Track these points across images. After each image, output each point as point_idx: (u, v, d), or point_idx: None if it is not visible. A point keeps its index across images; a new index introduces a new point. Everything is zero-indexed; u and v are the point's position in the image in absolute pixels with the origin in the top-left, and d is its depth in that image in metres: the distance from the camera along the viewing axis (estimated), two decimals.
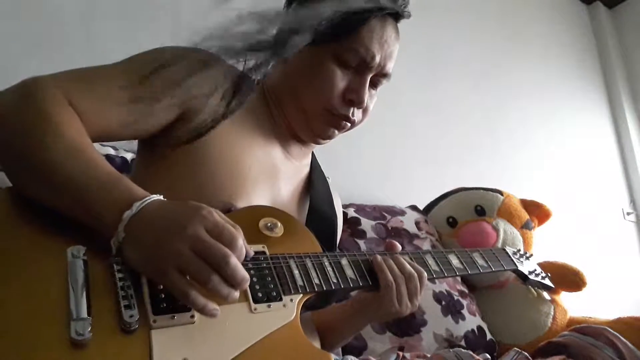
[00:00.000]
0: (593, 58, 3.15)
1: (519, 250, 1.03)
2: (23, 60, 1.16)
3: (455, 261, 0.85)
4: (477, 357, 0.75)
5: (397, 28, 0.82)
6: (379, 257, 0.75)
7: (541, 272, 1.02)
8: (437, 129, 2.08)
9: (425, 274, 0.77)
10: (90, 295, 0.49)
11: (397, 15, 0.82)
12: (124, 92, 0.66)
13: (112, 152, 1.08)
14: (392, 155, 1.89)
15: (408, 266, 0.75)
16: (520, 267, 0.97)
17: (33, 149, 0.55)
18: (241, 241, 0.53)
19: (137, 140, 0.78)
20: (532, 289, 1.09)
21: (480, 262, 0.89)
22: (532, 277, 0.98)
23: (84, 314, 0.47)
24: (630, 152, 2.97)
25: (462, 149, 2.14)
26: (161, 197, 0.56)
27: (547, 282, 1.01)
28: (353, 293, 1.08)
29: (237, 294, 0.52)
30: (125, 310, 0.49)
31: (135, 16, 1.36)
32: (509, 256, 0.97)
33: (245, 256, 0.54)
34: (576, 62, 2.99)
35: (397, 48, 0.82)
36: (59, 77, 0.63)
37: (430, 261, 0.82)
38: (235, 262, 0.50)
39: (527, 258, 1.02)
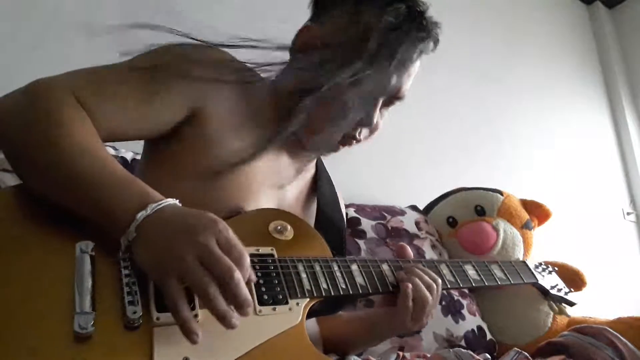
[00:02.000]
0: (593, 58, 3.14)
1: (541, 264, 1.00)
2: (23, 61, 1.15)
3: (471, 272, 0.82)
4: (477, 357, 0.75)
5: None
6: (402, 273, 0.73)
7: (564, 287, 0.99)
8: (437, 129, 2.08)
9: (440, 282, 0.75)
10: (95, 290, 0.50)
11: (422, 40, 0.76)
12: (134, 92, 0.65)
13: (112, 152, 1.08)
14: (392, 155, 1.88)
15: (426, 278, 0.73)
16: (541, 281, 0.94)
17: (43, 149, 0.55)
18: (249, 262, 0.51)
19: (142, 142, 0.77)
20: (554, 304, 1.07)
21: (499, 274, 0.86)
22: (553, 291, 0.95)
23: (88, 308, 0.48)
24: (630, 152, 2.96)
25: (462, 149, 2.14)
26: (177, 202, 0.55)
27: (569, 297, 0.98)
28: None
29: (236, 320, 0.49)
30: (129, 307, 0.49)
31: (136, 15, 1.35)
32: (530, 270, 0.94)
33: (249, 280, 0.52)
34: (576, 62, 2.99)
35: (416, 69, 0.79)
36: (67, 78, 0.63)
37: (445, 271, 0.79)
38: (240, 279, 0.49)
39: (550, 272, 0.99)
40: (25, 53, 1.17)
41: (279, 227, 0.68)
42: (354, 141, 0.81)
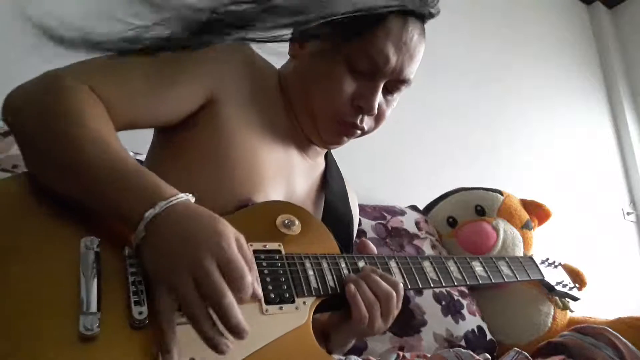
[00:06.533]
0: (593, 58, 3.14)
1: (547, 259, 0.99)
2: (23, 60, 1.15)
3: (478, 268, 0.81)
4: (477, 357, 0.75)
5: (421, 28, 0.75)
6: (352, 288, 0.64)
7: (569, 283, 0.98)
8: (437, 129, 2.08)
9: (401, 285, 0.68)
10: (101, 288, 0.49)
11: (421, 15, 0.75)
12: (149, 79, 0.64)
13: None
14: (392, 155, 1.89)
15: (384, 285, 0.66)
16: (547, 278, 0.93)
17: (54, 138, 0.54)
18: (249, 281, 0.48)
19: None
20: (558, 300, 1.06)
21: (506, 271, 0.84)
22: (558, 287, 0.94)
23: (94, 308, 0.47)
24: (630, 152, 2.96)
25: (462, 149, 2.14)
26: (190, 197, 0.53)
27: (573, 292, 0.98)
28: None
29: (225, 346, 0.47)
30: (135, 307, 0.49)
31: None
32: (537, 266, 0.92)
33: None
34: (576, 62, 2.99)
35: (420, 51, 0.76)
36: (80, 68, 0.62)
37: (453, 267, 0.78)
38: (230, 304, 0.46)
39: (556, 267, 0.98)
40: (25, 53, 1.17)
41: (286, 222, 0.67)
42: (358, 130, 0.78)
